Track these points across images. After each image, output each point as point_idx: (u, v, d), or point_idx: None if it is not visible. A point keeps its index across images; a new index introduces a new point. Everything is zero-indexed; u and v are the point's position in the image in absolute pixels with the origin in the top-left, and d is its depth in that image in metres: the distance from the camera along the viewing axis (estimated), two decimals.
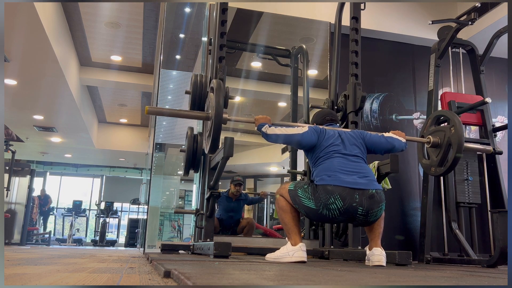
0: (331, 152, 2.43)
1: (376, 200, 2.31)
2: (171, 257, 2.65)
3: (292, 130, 2.51)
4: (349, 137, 2.53)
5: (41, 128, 9.51)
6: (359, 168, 2.39)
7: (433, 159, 2.87)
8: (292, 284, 1.04)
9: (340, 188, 2.28)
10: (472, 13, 3.68)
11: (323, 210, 2.30)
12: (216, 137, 2.45)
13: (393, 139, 2.64)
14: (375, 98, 4.67)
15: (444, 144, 2.74)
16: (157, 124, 5.10)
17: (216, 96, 2.41)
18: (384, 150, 2.63)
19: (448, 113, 2.94)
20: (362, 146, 2.54)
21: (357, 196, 2.27)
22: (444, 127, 2.82)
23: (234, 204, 4.74)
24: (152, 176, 5.43)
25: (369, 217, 2.32)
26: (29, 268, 1.71)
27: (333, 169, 2.35)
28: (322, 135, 2.51)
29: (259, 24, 4.84)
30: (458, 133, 2.64)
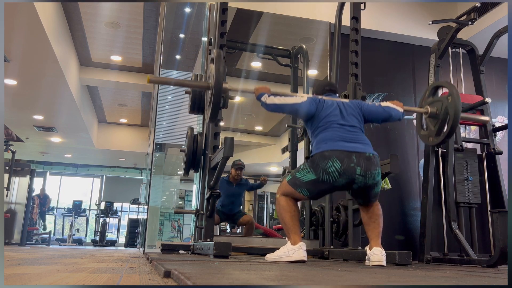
0: (329, 123, 2.46)
1: (373, 162, 2.36)
2: (171, 257, 2.65)
3: (291, 99, 2.55)
4: (347, 107, 2.57)
5: (41, 128, 9.51)
6: (356, 137, 2.44)
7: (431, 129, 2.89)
8: (292, 284, 1.04)
9: (337, 151, 2.33)
10: (472, 13, 3.68)
11: (323, 175, 2.32)
12: (216, 106, 2.51)
13: (390, 108, 2.67)
14: (375, 98, 4.67)
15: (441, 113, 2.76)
16: (157, 124, 5.11)
17: (216, 65, 2.46)
18: (381, 119, 2.67)
19: (446, 83, 2.95)
20: (360, 116, 2.58)
21: (354, 157, 2.32)
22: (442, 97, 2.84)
23: (235, 189, 4.72)
24: (152, 176, 5.43)
25: (368, 178, 2.34)
26: (29, 268, 1.71)
27: (331, 138, 2.40)
28: (320, 105, 2.54)
29: (259, 24, 4.84)
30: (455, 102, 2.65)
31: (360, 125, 2.53)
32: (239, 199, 4.80)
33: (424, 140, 3.08)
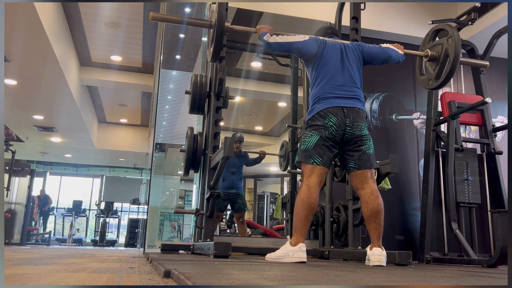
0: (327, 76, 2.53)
1: (361, 116, 2.50)
2: (171, 257, 2.65)
3: (293, 38, 2.59)
4: (348, 50, 2.62)
5: (41, 128, 9.51)
6: (351, 94, 2.52)
7: (430, 73, 2.89)
8: (292, 284, 1.04)
9: (331, 108, 2.47)
10: (472, 13, 3.68)
11: (325, 131, 2.44)
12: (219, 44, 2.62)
13: (390, 49, 2.69)
14: (375, 98, 4.67)
15: (441, 56, 2.77)
16: (157, 124, 5.11)
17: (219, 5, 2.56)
18: (380, 60, 2.70)
19: (446, 26, 2.95)
20: (360, 59, 2.63)
21: (345, 111, 2.46)
22: (442, 40, 2.84)
23: (235, 160, 4.82)
24: (152, 176, 5.43)
25: (354, 129, 2.45)
26: (29, 268, 1.71)
27: (326, 96, 2.50)
28: (322, 45, 2.60)
29: (260, 24, 4.84)
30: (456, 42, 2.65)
31: (358, 74, 2.59)
32: (239, 170, 4.91)
33: (423, 84, 3.08)
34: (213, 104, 3.31)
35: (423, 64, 3.07)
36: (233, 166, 4.81)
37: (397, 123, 4.67)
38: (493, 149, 3.78)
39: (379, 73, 4.77)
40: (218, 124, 3.27)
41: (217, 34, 2.59)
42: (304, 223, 2.39)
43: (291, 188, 4.71)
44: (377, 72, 4.74)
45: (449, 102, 3.82)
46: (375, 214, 2.43)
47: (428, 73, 2.93)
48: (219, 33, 2.58)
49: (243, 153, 4.96)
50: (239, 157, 4.89)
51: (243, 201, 4.91)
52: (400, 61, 2.74)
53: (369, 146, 2.50)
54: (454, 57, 2.67)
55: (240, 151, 4.89)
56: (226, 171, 4.64)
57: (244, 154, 4.99)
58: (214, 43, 2.63)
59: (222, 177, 4.56)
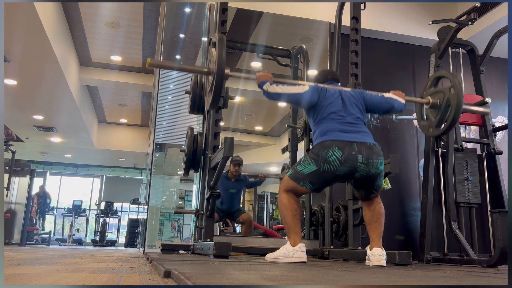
0: (331, 114, 2.45)
1: (375, 151, 2.35)
2: (171, 257, 2.65)
3: (293, 89, 2.52)
4: (350, 96, 2.55)
5: (41, 128, 9.51)
6: (357, 129, 2.42)
7: (431, 120, 2.88)
8: (292, 284, 1.04)
9: (337, 141, 2.32)
10: (472, 13, 3.68)
11: (324, 165, 2.31)
12: (217, 92, 2.44)
13: (393, 99, 2.65)
14: None
15: (443, 104, 2.75)
16: (157, 124, 5.11)
17: (218, 50, 2.40)
18: (383, 111, 2.66)
19: (448, 74, 2.94)
20: (362, 106, 2.56)
21: (355, 146, 2.31)
22: (444, 88, 2.82)
23: (234, 184, 4.76)
24: (152, 176, 5.43)
25: (370, 167, 2.32)
26: (29, 268, 1.71)
27: (332, 129, 2.39)
28: (322, 94, 2.52)
29: (259, 24, 4.84)
30: (458, 93, 2.64)
31: (362, 116, 2.52)
32: (238, 195, 4.84)
33: (424, 131, 3.06)
34: None
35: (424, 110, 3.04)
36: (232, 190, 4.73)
37: (397, 123, 4.67)
38: (493, 149, 3.78)
39: (379, 73, 4.77)
40: (218, 124, 3.27)
41: (216, 84, 2.40)
42: (294, 223, 2.39)
43: None
44: (377, 72, 4.74)
45: None
46: (377, 216, 2.46)
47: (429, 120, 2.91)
48: (219, 82, 2.39)
49: (242, 176, 4.86)
50: (238, 181, 4.81)
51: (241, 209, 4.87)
52: (402, 110, 2.70)
53: (382, 178, 2.43)
54: (456, 108, 2.62)
55: (240, 174, 4.79)
56: (225, 194, 4.58)
57: (243, 178, 4.89)
58: (213, 92, 2.44)
59: (221, 200, 4.55)
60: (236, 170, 4.71)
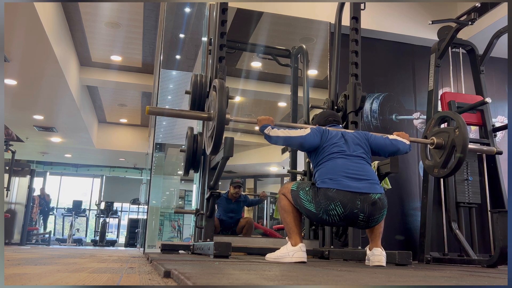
0: (334, 153, 2.39)
1: (378, 206, 2.28)
2: (171, 257, 2.65)
3: (294, 132, 2.47)
4: (353, 137, 2.50)
5: (41, 128, 9.51)
6: (362, 171, 2.34)
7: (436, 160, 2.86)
8: (292, 284, 1.04)
9: (342, 193, 2.23)
10: (472, 13, 3.68)
11: (323, 215, 2.28)
12: (218, 139, 2.40)
13: (398, 141, 2.60)
14: (375, 98, 4.67)
15: (448, 145, 2.72)
16: (157, 124, 5.10)
17: (219, 97, 2.36)
18: (388, 153, 2.60)
19: (453, 114, 2.91)
20: (366, 146, 2.50)
21: (358, 202, 2.23)
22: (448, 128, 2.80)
23: (233, 206, 4.74)
24: (152, 176, 5.42)
25: (370, 222, 2.31)
26: (29, 268, 1.71)
27: (336, 172, 2.31)
28: (325, 135, 2.47)
29: (259, 24, 4.84)
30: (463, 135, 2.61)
31: (366, 156, 2.46)
32: (238, 215, 4.80)
33: (429, 171, 3.03)
34: None
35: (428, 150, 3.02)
36: (232, 211, 4.70)
37: (397, 123, 4.67)
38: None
39: (379, 73, 4.78)
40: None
41: (217, 129, 2.34)
42: (294, 224, 2.40)
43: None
44: (377, 72, 4.74)
45: (449, 102, 3.82)
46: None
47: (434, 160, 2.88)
48: (220, 128, 2.34)
49: (242, 197, 4.84)
50: (238, 202, 4.77)
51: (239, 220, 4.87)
52: (407, 152, 2.65)
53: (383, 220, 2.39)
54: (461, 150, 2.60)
55: (240, 195, 4.76)
56: (224, 215, 4.59)
57: (243, 198, 4.87)
58: (214, 139, 2.40)
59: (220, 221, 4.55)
60: (236, 192, 4.69)
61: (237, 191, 4.71)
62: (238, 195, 4.74)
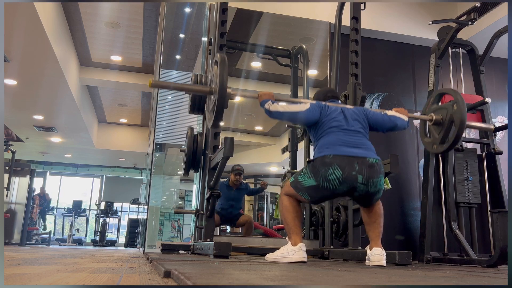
0: (333, 127, 2.44)
1: (376, 170, 2.32)
2: (171, 257, 2.65)
3: (294, 107, 2.51)
4: (352, 113, 2.54)
5: (41, 128, 9.51)
6: (360, 141, 2.40)
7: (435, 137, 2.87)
8: (292, 284, 1.04)
9: (339, 157, 2.29)
10: (472, 13, 3.68)
11: (323, 182, 2.30)
12: (219, 113, 2.44)
13: (396, 117, 2.63)
14: (375, 98, 4.67)
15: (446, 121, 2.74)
16: (157, 124, 5.11)
17: (220, 71, 2.41)
18: (386, 129, 2.64)
19: (451, 90, 2.93)
20: (365, 122, 2.54)
21: (356, 165, 2.28)
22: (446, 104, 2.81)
23: (234, 193, 4.74)
24: (152, 176, 5.43)
25: (370, 186, 2.31)
26: (29, 268, 1.71)
27: (333, 143, 2.37)
28: (324, 110, 2.52)
29: (259, 24, 4.84)
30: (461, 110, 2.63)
31: (364, 131, 2.49)
32: (238, 203, 4.80)
33: (428, 148, 3.04)
34: None
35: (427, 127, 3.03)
36: (233, 199, 4.70)
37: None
38: (493, 149, 3.78)
39: (379, 73, 4.78)
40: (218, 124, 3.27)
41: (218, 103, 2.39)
42: (295, 224, 2.40)
43: None
44: (377, 72, 4.74)
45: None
46: (375, 216, 2.46)
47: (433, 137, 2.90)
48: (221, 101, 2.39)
49: (243, 185, 4.84)
50: (239, 190, 4.78)
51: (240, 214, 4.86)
52: (405, 128, 2.68)
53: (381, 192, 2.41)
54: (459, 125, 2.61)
55: (241, 183, 4.77)
56: (225, 203, 4.57)
57: (244, 186, 4.88)
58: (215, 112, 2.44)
59: (221, 208, 4.54)
60: (237, 179, 4.68)
61: (238, 178, 4.69)
62: (239, 183, 4.73)
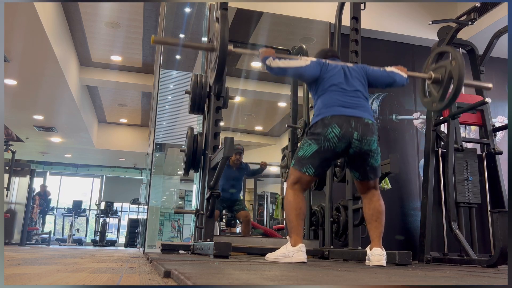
0: (333, 86, 2.48)
1: (370, 129, 2.40)
2: (171, 257, 2.65)
3: (295, 62, 2.55)
4: (351, 70, 2.58)
5: (41, 128, 9.51)
6: (357, 103, 2.45)
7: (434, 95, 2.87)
8: (292, 284, 1.04)
9: (336, 117, 2.37)
10: (472, 13, 3.68)
11: (324, 143, 2.36)
12: (220, 69, 2.51)
13: (395, 73, 2.66)
14: (375, 98, 4.67)
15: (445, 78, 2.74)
16: (157, 124, 5.11)
17: (222, 27, 2.47)
18: (385, 84, 2.67)
19: (449, 48, 2.94)
20: (364, 79, 2.58)
21: (352, 122, 2.36)
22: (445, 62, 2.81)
23: (235, 173, 4.78)
24: (152, 176, 5.43)
25: (363, 143, 2.37)
26: (29, 268, 1.71)
27: (331, 104, 2.42)
28: (324, 67, 2.55)
29: (259, 24, 4.84)
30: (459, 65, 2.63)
31: (363, 90, 2.54)
32: (239, 183, 4.87)
33: (427, 107, 3.05)
34: (213, 104, 3.31)
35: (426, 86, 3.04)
36: (233, 178, 4.74)
37: (397, 123, 4.67)
38: (493, 149, 3.78)
39: None
40: (218, 124, 3.27)
41: (219, 59, 2.47)
42: (297, 223, 2.40)
43: None
44: None
45: None
46: (377, 214, 2.45)
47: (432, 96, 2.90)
48: (222, 58, 2.46)
49: (243, 165, 4.89)
50: (239, 169, 4.83)
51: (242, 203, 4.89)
52: (404, 84, 2.70)
53: (377, 159, 2.45)
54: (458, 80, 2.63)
55: (241, 163, 4.83)
56: (226, 183, 4.60)
57: (244, 166, 4.93)
58: (217, 67, 2.52)
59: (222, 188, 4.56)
60: (237, 159, 4.74)
61: (238, 158, 4.74)
62: (239, 162, 4.78)
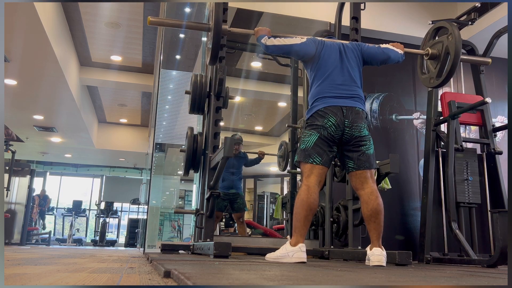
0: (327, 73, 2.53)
1: (360, 116, 2.48)
2: (171, 257, 2.65)
3: (290, 40, 2.60)
4: (348, 49, 2.61)
5: (41, 128, 9.51)
6: (350, 92, 2.51)
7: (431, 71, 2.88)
8: (292, 284, 1.05)
9: (330, 108, 2.46)
10: (472, 13, 3.68)
11: (324, 131, 2.44)
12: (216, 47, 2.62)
13: (389, 49, 2.69)
14: (375, 98, 4.67)
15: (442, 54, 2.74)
16: (157, 124, 5.11)
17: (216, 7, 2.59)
18: (380, 61, 2.69)
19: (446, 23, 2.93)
20: (359, 58, 2.62)
21: (345, 111, 2.45)
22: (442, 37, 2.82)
23: (234, 161, 4.88)
24: (152, 176, 5.43)
25: (354, 130, 2.44)
26: (29, 268, 1.71)
27: (325, 95, 2.49)
28: (320, 45, 2.60)
29: (259, 24, 4.84)
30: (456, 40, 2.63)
31: (358, 68, 2.59)
32: (238, 171, 4.96)
33: (425, 83, 3.06)
34: (213, 104, 3.31)
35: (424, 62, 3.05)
36: (233, 167, 4.86)
37: (397, 123, 4.67)
38: (493, 149, 3.78)
39: (379, 73, 4.77)
40: (218, 124, 3.27)
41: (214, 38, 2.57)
42: (304, 223, 2.38)
43: (291, 188, 4.71)
44: (377, 72, 4.74)
45: (449, 102, 3.81)
46: (375, 214, 2.43)
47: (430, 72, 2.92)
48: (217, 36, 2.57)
49: (242, 154, 5.02)
50: (238, 158, 4.94)
51: (242, 201, 4.93)
52: (399, 61, 2.73)
53: (369, 146, 2.49)
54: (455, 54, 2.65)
55: (240, 152, 4.94)
56: (225, 172, 4.67)
57: (243, 155, 5.04)
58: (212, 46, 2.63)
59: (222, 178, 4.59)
60: (236, 149, 4.85)
61: (237, 148, 4.87)
62: (238, 151, 4.91)
